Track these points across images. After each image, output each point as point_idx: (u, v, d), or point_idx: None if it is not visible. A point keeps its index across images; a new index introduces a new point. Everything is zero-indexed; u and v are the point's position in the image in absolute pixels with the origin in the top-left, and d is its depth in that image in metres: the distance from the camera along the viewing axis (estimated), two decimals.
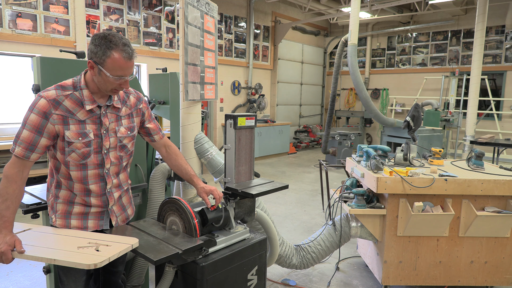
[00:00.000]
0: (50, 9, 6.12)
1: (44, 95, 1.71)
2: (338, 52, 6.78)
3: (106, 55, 1.69)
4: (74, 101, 1.76)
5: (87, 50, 1.77)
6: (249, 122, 2.42)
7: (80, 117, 1.77)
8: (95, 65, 1.72)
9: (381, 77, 12.18)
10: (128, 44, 1.74)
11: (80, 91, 1.78)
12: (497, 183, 2.93)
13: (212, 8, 2.94)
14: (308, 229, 4.81)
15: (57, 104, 1.72)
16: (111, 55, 1.70)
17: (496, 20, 9.75)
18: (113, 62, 1.70)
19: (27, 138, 1.69)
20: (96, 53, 1.71)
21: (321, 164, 3.88)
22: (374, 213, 3.07)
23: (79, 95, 1.77)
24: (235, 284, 2.11)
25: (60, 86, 1.77)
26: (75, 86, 1.78)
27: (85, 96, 1.78)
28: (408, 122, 3.56)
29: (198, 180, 2.16)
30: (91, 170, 1.85)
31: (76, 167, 1.81)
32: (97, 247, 1.65)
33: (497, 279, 3.14)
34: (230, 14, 9.57)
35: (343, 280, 3.50)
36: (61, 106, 1.73)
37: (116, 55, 1.70)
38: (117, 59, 1.71)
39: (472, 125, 7.26)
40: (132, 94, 2.02)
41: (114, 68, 1.71)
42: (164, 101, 3.55)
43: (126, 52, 1.73)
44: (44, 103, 1.69)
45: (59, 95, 1.73)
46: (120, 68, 1.73)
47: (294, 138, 12.00)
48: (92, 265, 1.51)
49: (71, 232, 1.85)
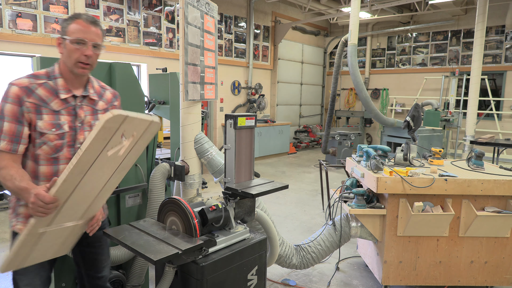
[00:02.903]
0: (50, 9, 6.12)
1: (15, 82, 1.65)
2: (338, 52, 6.78)
3: (68, 23, 1.70)
4: (48, 90, 1.70)
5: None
6: (249, 122, 2.41)
7: (54, 107, 1.70)
8: (61, 38, 1.70)
9: (381, 77, 12.18)
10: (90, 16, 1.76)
11: (54, 80, 1.72)
12: (497, 183, 2.93)
13: (212, 8, 2.94)
14: (308, 229, 4.81)
15: (30, 92, 1.65)
16: (73, 21, 1.70)
17: (496, 20, 9.74)
18: (74, 25, 1.69)
19: (9, 130, 1.61)
20: (62, 27, 1.71)
21: (321, 164, 3.88)
22: (374, 213, 3.07)
23: (53, 84, 1.71)
24: (235, 284, 2.11)
25: (33, 75, 1.71)
26: (48, 76, 1.73)
27: (59, 85, 1.72)
28: (408, 122, 3.56)
29: None
30: (62, 165, 1.75)
31: (46, 162, 1.71)
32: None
33: (497, 279, 3.14)
34: (230, 14, 9.57)
35: (343, 280, 3.50)
36: (34, 94, 1.66)
37: (79, 20, 1.71)
38: (78, 22, 1.70)
39: (472, 125, 7.26)
40: (109, 90, 1.97)
41: (75, 31, 1.68)
42: (164, 101, 3.55)
43: (88, 16, 1.73)
44: (16, 90, 1.63)
45: (32, 83, 1.67)
46: (80, 30, 1.69)
47: (294, 138, 12.00)
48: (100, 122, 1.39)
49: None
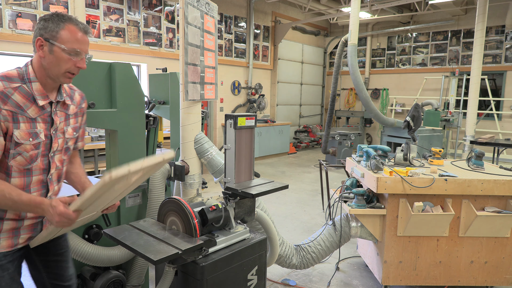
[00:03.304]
0: (50, 9, 6.12)
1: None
2: (338, 52, 6.78)
3: (59, 27, 1.53)
4: (24, 95, 1.53)
5: (34, 31, 1.56)
6: (249, 122, 2.42)
7: (31, 114, 1.54)
8: (46, 42, 1.52)
9: (381, 77, 12.18)
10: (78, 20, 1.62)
11: (28, 83, 1.55)
12: (497, 183, 2.93)
13: (212, 8, 2.94)
14: (308, 229, 4.81)
15: (6, 97, 1.47)
16: (66, 26, 1.54)
17: (496, 20, 9.74)
18: (68, 33, 1.53)
19: None
20: (46, 28, 1.52)
21: (321, 164, 3.88)
22: (374, 213, 3.07)
23: (28, 88, 1.54)
24: (235, 284, 2.11)
25: (5, 77, 1.52)
26: (22, 78, 1.55)
27: (35, 90, 1.55)
28: (408, 122, 3.56)
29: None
30: (35, 176, 1.62)
31: (19, 173, 1.57)
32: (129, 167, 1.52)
33: (497, 279, 3.14)
34: (230, 14, 9.57)
35: (343, 280, 3.50)
36: (10, 100, 1.48)
37: (71, 26, 1.55)
38: (73, 30, 1.55)
39: (472, 125, 7.26)
40: (77, 91, 1.83)
41: (70, 40, 1.53)
42: (164, 101, 3.56)
43: (81, 24, 1.58)
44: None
45: (7, 87, 1.48)
46: (77, 40, 1.55)
47: (294, 138, 12.00)
48: (107, 177, 1.36)
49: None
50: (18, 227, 1.62)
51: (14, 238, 1.62)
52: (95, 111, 2.43)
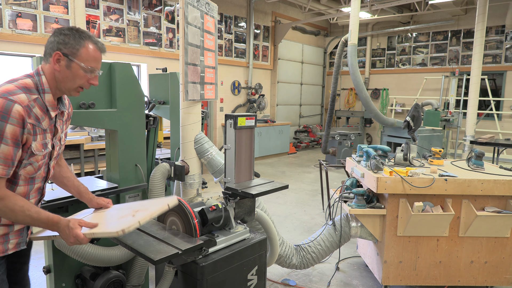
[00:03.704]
0: (50, 9, 6.12)
1: (17, 100, 1.44)
2: (338, 52, 6.78)
3: (80, 45, 1.56)
4: (40, 107, 1.54)
5: (49, 43, 1.58)
6: (249, 122, 2.42)
7: (44, 126, 1.57)
8: (64, 57, 1.55)
9: (381, 77, 12.18)
10: (95, 37, 1.66)
11: (42, 94, 1.56)
12: (497, 183, 2.93)
13: (212, 8, 2.94)
14: (308, 229, 4.81)
15: (29, 111, 1.49)
16: (86, 44, 1.57)
17: (496, 20, 9.74)
18: (87, 52, 1.58)
19: (7, 153, 1.45)
20: (67, 43, 1.54)
21: (321, 164, 3.88)
22: (374, 213, 3.07)
23: (42, 99, 1.56)
24: (235, 284, 2.11)
25: (26, 88, 1.51)
26: (37, 88, 1.56)
27: (47, 101, 1.57)
28: (408, 122, 3.56)
29: (91, 195, 1.95)
30: (37, 184, 1.67)
31: (24, 182, 1.60)
32: (135, 213, 1.61)
33: (497, 279, 3.14)
34: (230, 14, 9.57)
35: (343, 280, 3.50)
36: (32, 113, 1.50)
37: (91, 45, 1.59)
38: (92, 49, 1.59)
39: (472, 125, 7.26)
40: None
41: (89, 58, 1.58)
42: (164, 101, 3.55)
43: (99, 43, 1.63)
44: (20, 110, 1.44)
45: (30, 100, 1.49)
46: (95, 59, 1.61)
47: (294, 138, 12.00)
48: (120, 231, 1.47)
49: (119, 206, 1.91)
50: (8, 233, 1.62)
51: (5, 244, 1.61)
52: (95, 111, 2.43)
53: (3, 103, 1.42)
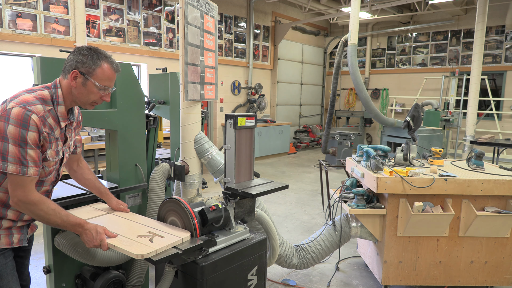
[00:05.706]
0: (50, 9, 6.12)
1: (34, 110, 1.59)
2: (338, 52, 6.78)
3: (96, 65, 1.71)
4: (53, 117, 1.69)
5: (69, 60, 1.72)
6: (249, 122, 2.41)
7: (56, 135, 1.72)
8: (81, 75, 1.69)
9: (381, 77, 12.18)
10: (112, 58, 1.81)
11: (56, 105, 1.70)
12: (497, 183, 2.93)
13: (212, 8, 2.94)
14: (308, 229, 4.81)
15: (44, 120, 1.63)
16: (102, 65, 1.72)
17: (496, 20, 9.74)
18: (103, 72, 1.72)
19: (35, 156, 1.61)
20: (84, 63, 1.69)
21: (321, 164, 3.88)
22: (374, 213, 3.07)
23: (55, 110, 1.70)
24: (235, 284, 2.11)
25: (42, 99, 1.65)
26: (53, 100, 1.70)
27: (59, 112, 1.72)
28: (408, 122, 3.55)
29: (110, 196, 2.17)
30: (45, 187, 1.81)
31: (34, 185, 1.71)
32: (152, 237, 1.74)
33: (497, 279, 3.14)
34: (230, 14, 9.57)
35: (343, 280, 3.50)
36: (46, 123, 1.65)
37: (106, 65, 1.74)
38: (107, 69, 1.74)
39: (472, 125, 7.26)
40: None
41: (103, 78, 1.73)
42: (164, 101, 3.55)
43: (114, 64, 1.78)
44: (37, 119, 1.59)
45: (45, 111, 1.64)
46: (109, 78, 1.75)
47: (294, 138, 12.00)
48: (140, 255, 1.58)
49: (133, 217, 2.00)
50: (12, 227, 1.73)
51: (10, 237, 1.72)
52: (95, 111, 2.43)
53: (22, 113, 1.56)
